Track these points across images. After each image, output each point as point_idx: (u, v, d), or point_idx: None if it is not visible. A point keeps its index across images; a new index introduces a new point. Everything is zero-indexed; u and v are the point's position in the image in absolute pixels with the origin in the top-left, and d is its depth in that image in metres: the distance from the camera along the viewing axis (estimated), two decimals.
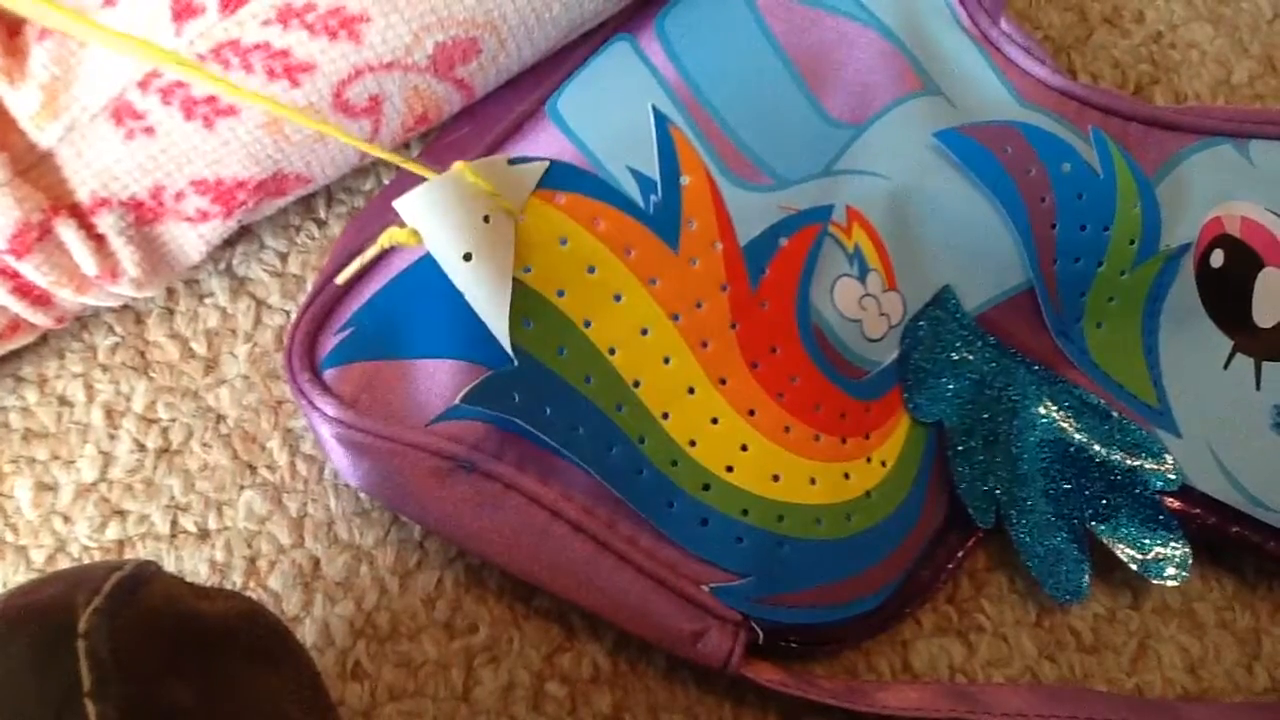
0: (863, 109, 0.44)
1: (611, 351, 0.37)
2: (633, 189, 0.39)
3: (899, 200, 0.42)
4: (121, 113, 0.37)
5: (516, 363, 0.36)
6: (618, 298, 0.37)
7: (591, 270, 0.37)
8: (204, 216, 0.41)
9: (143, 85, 0.36)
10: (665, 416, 0.37)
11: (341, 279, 0.37)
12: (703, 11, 0.45)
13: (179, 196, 0.39)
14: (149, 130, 0.37)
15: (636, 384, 0.37)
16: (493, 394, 0.36)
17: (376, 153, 0.34)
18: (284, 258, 0.44)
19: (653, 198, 0.38)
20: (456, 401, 0.36)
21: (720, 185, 0.40)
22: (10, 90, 0.36)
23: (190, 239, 0.41)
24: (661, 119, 0.39)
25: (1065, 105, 0.45)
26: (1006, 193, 0.42)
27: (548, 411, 0.36)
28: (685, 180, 0.39)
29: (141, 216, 0.39)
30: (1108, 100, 0.46)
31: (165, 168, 0.38)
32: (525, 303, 0.36)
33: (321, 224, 0.45)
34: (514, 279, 0.36)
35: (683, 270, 0.38)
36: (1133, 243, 0.44)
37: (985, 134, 0.43)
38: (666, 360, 0.37)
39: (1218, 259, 0.46)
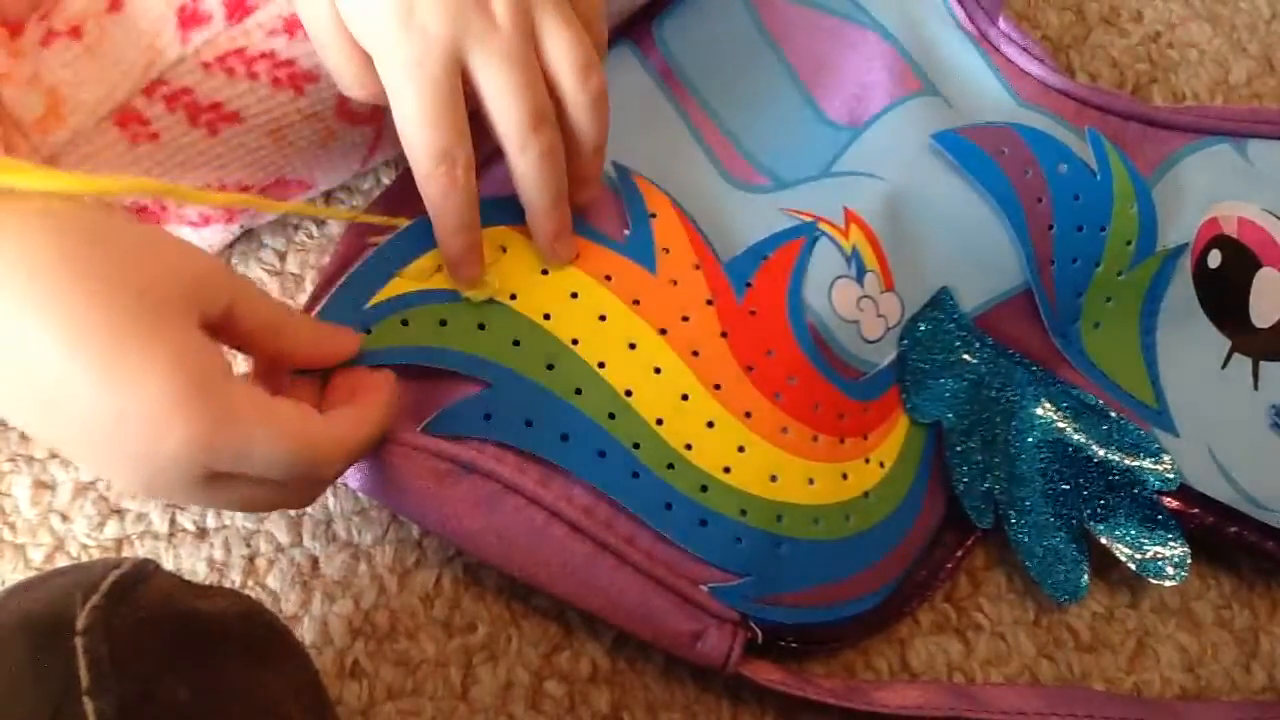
0: (861, 110, 0.44)
1: (601, 365, 0.38)
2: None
3: (897, 202, 0.42)
4: (127, 118, 0.37)
5: (495, 383, 0.37)
6: (602, 318, 0.39)
7: (574, 296, 0.39)
8: (206, 221, 0.41)
9: (148, 92, 0.36)
10: (659, 423, 0.38)
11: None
12: (701, 15, 0.45)
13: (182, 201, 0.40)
14: (154, 136, 0.37)
15: (628, 393, 0.38)
16: (459, 419, 0.37)
17: (330, 215, 0.35)
18: (282, 256, 0.45)
19: (625, 231, 0.40)
20: (418, 430, 0.37)
21: (702, 202, 0.41)
22: (15, 95, 0.36)
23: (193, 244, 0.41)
24: (623, 170, 0.41)
25: (1064, 105, 0.45)
26: (1004, 194, 0.42)
27: (531, 424, 0.37)
28: (654, 214, 0.41)
29: (145, 221, 0.40)
30: (1106, 100, 0.46)
31: (170, 173, 0.38)
32: (512, 325, 0.38)
33: (320, 223, 0.45)
34: (500, 305, 0.38)
35: (664, 290, 0.39)
36: (1129, 243, 0.44)
37: (982, 136, 0.43)
38: (657, 370, 0.38)
39: (1215, 259, 0.46)
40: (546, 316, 0.38)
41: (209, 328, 0.30)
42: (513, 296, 0.38)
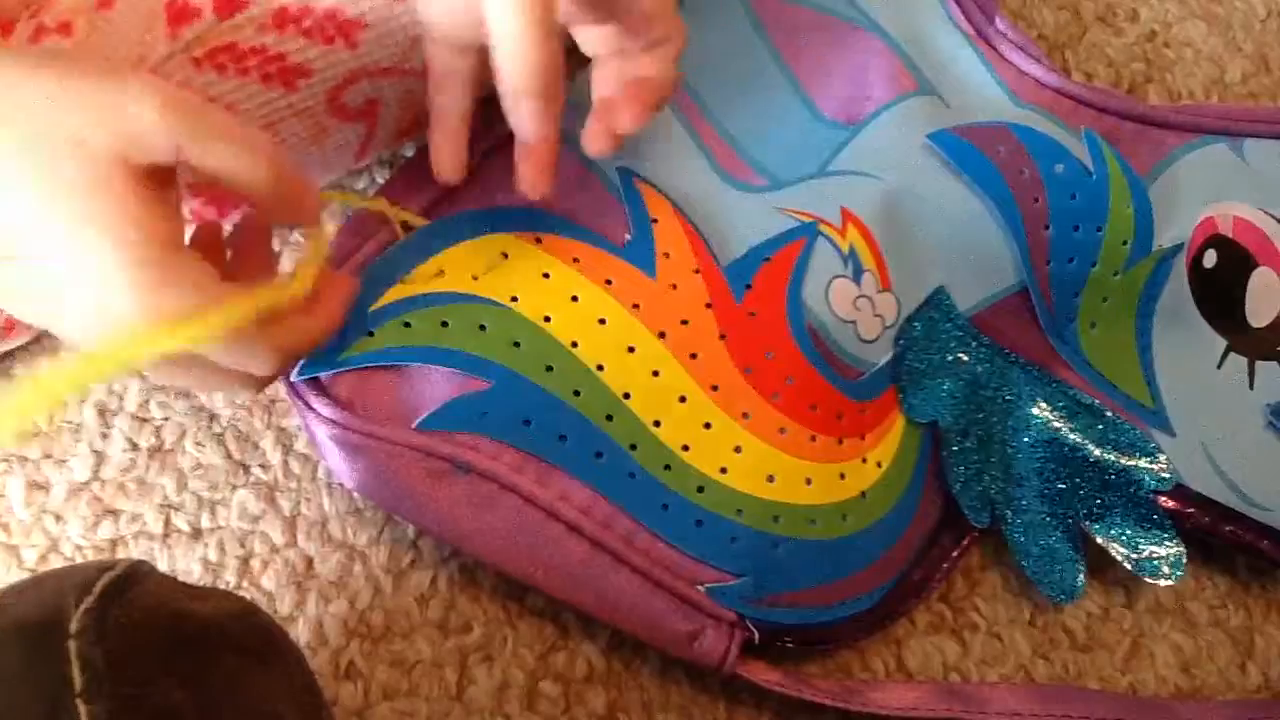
0: (858, 110, 0.44)
1: (600, 368, 0.38)
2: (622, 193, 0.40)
3: (893, 201, 0.42)
4: None
5: (494, 383, 0.37)
6: (602, 321, 0.39)
7: (575, 299, 0.39)
8: (199, 218, 0.41)
9: None
10: (657, 424, 0.38)
11: None
12: (698, 15, 0.45)
13: None
14: None
15: (626, 395, 0.38)
16: (456, 417, 0.37)
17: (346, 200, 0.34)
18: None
19: (626, 236, 0.40)
20: (413, 426, 0.37)
21: (700, 203, 0.41)
22: None
23: None
24: (627, 175, 0.41)
25: (1060, 104, 0.45)
26: (1000, 194, 0.42)
27: (529, 424, 0.37)
28: (655, 219, 0.41)
29: None
30: (1102, 99, 0.46)
31: None
32: (513, 327, 0.38)
33: None
34: (502, 307, 0.38)
35: (663, 294, 0.39)
36: (1125, 243, 0.44)
37: (978, 135, 0.43)
38: (655, 373, 0.38)
39: (1211, 259, 0.46)
40: (547, 319, 0.38)
41: (158, 175, 0.28)
42: (514, 299, 0.38)
